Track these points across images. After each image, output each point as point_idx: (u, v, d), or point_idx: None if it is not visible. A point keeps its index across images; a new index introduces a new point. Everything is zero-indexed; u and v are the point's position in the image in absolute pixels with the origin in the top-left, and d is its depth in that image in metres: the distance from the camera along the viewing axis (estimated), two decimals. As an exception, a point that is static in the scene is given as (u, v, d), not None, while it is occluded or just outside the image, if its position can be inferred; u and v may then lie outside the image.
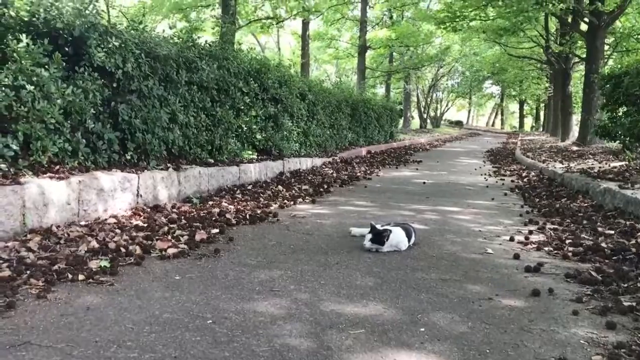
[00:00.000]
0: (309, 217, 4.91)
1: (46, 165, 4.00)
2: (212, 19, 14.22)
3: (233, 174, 6.35)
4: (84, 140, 4.37)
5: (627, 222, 4.50)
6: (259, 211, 4.92)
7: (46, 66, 4.06)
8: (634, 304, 2.63)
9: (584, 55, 16.02)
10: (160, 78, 5.41)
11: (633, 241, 3.92)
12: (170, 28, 6.56)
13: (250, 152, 7.41)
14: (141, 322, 2.26)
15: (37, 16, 4.22)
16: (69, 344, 2.02)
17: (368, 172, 9.23)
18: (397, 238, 3.70)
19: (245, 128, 7.25)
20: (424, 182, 8.12)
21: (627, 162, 8.18)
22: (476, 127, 55.18)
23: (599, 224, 4.66)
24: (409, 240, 3.78)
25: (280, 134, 8.25)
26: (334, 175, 8.34)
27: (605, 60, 16.77)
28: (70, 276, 2.78)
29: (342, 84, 15.29)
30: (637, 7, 17.25)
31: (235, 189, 6.10)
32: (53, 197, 3.70)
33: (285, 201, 5.62)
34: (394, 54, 30.50)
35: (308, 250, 3.64)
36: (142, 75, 5.09)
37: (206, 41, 6.83)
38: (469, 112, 63.00)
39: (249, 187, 6.32)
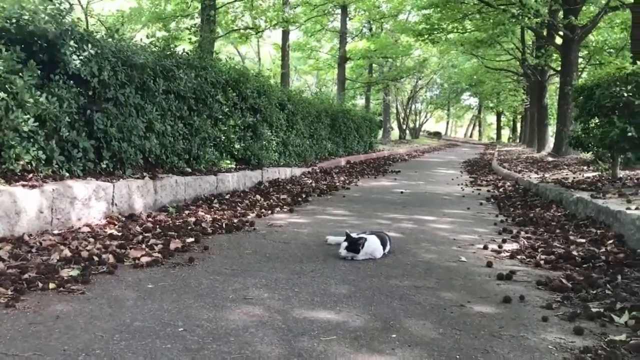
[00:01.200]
0: (286, 226, 4.91)
1: (19, 174, 3.96)
2: (192, 28, 14.18)
3: (210, 183, 6.33)
4: (58, 149, 4.33)
5: (598, 231, 4.58)
6: (235, 220, 4.91)
7: (20, 73, 4.02)
8: (601, 309, 2.68)
9: (559, 68, 16.34)
10: (137, 86, 5.39)
11: (603, 249, 4.00)
12: (148, 37, 6.53)
13: (228, 162, 7.40)
14: (111, 330, 2.24)
15: (9, 22, 4.18)
16: (36, 353, 1.99)
17: (347, 182, 9.27)
18: (372, 246, 3.72)
19: (224, 137, 7.24)
20: (402, 192, 8.17)
21: (599, 173, 8.33)
22: (454, 138, 55.74)
23: (571, 232, 4.73)
24: (384, 249, 3.81)
25: (259, 143, 8.25)
26: (313, 184, 8.36)
27: (580, 73, 17.12)
28: (40, 285, 2.75)
29: (322, 95, 15.37)
30: (609, 21, 17.64)
31: (213, 198, 6.08)
32: (25, 206, 3.66)
33: (263, 210, 5.61)
34: (374, 65, 30.74)
35: (283, 259, 3.64)
36: (118, 84, 5.07)
37: (184, 50, 6.82)
38: (448, 123, 63.68)
39: (227, 197, 6.31)
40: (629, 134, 6.13)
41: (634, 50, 9.95)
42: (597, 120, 7.20)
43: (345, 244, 3.68)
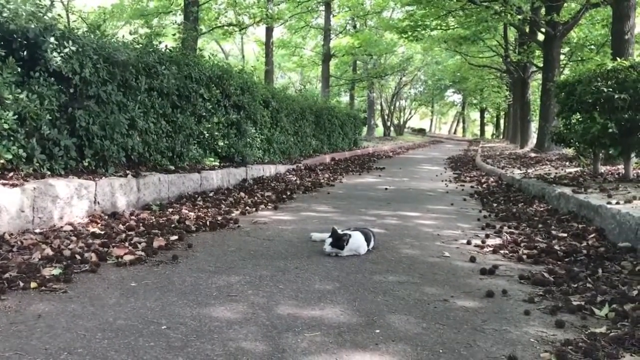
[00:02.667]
0: (271, 223, 4.91)
1: (-1, 172, 3.91)
2: (174, 25, 14.11)
3: (194, 180, 6.30)
4: (39, 147, 4.28)
5: (579, 225, 4.64)
6: (219, 218, 4.89)
7: (-1, 70, 3.97)
8: (582, 303, 2.71)
9: (542, 65, 16.48)
10: (119, 83, 5.34)
11: (584, 243, 4.04)
12: (131, 34, 6.48)
13: (212, 159, 7.37)
14: (94, 328, 2.23)
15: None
16: (17, 352, 1.97)
17: (331, 178, 9.27)
18: (357, 242, 3.73)
19: (207, 135, 7.20)
20: (386, 188, 8.20)
21: (581, 168, 8.43)
22: (439, 134, 56.03)
23: (553, 227, 4.78)
24: (368, 245, 3.82)
25: (243, 140, 8.22)
26: (298, 182, 8.35)
27: (562, 69, 17.28)
28: (21, 284, 2.72)
29: (306, 92, 15.36)
30: (590, 18, 17.82)
31: (197, 196, 6.05)
32: (6, 205, 3.62)
33: (247, 208, 5.60)
34: (358, 62, 30.77)
35: (268, 256, 3.64)
36: (100, 81, 5.02)
37: (166, 47, 6.77)
38: (432, 120, 63.98)
39: (211, 194, 6.28)
40: (610, 129, 6.21)
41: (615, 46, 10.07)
42: (578, 116, 7.28)
43: (329, 240, 3.69)
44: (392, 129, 38.00)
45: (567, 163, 10.10)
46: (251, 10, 16.22)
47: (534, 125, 20.91)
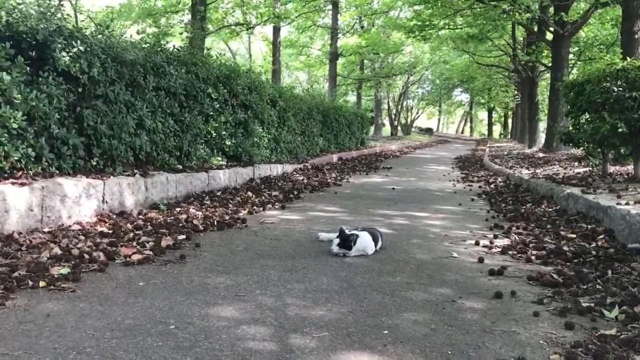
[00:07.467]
0: (278, 222, 4.91)
1: (8, 171, 3.92)
2: (182, 24, 14.15)
3: (202, 180, 6.31)
4: (48, 146, 4.30)
5: (589, 226, 4.61)
6: (227, 217, 4.90)
7: (8, 70, 3.98)
8: (592, 304, 2.69)
9: (550, 64, 16.39)
10: (127, 83, 5.35)
11: (593, 244, 4.02)
12: (138, 33, 6.49)
13: (219, 159, 7.38)
14: (102, 328, 2.23)
15: (-1, 20, 4.14)
16: (27, 352, 1.98)
17: (339, 178, 9.26)
18: (364, 242, 3.72)
19: (215, 134, 7.21)
20: (393, 188, 8.18)
21: (590, 168, 8.38)
22: (446, 134, 55.87)
23: (562, 228, 4.76)
24: (376, 245, 3.81)
25: (250, 140, 8.22)
26: (305, 181, 8.35)
27: (570, 68, 17.18)
28: (30, 283, 2.73)
29: (314, 91, 15.35)
30: (599, 17, 17.71)
31: (204, 195, 6.06)
32: (15, 204, 3.63)
33: (255, 207, 5.60)
34: (365, 61, 30.73)
35: (275, 256, 3.63)
36: (108, 80, 5.03)
37: (174, 46, 6.78)
38: (439, 119, 63.83)
39: (218, 194, 6.29)
40: (620, 129, 6.16)
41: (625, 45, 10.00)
42: (587, 116, 7.23)
43: (337, 240, 3.68)
44: (399, 128, 37.92)
45: (576, 163, 10.03)
46: (258, 10, 16.23)
47: (542, 125, 20.81)
